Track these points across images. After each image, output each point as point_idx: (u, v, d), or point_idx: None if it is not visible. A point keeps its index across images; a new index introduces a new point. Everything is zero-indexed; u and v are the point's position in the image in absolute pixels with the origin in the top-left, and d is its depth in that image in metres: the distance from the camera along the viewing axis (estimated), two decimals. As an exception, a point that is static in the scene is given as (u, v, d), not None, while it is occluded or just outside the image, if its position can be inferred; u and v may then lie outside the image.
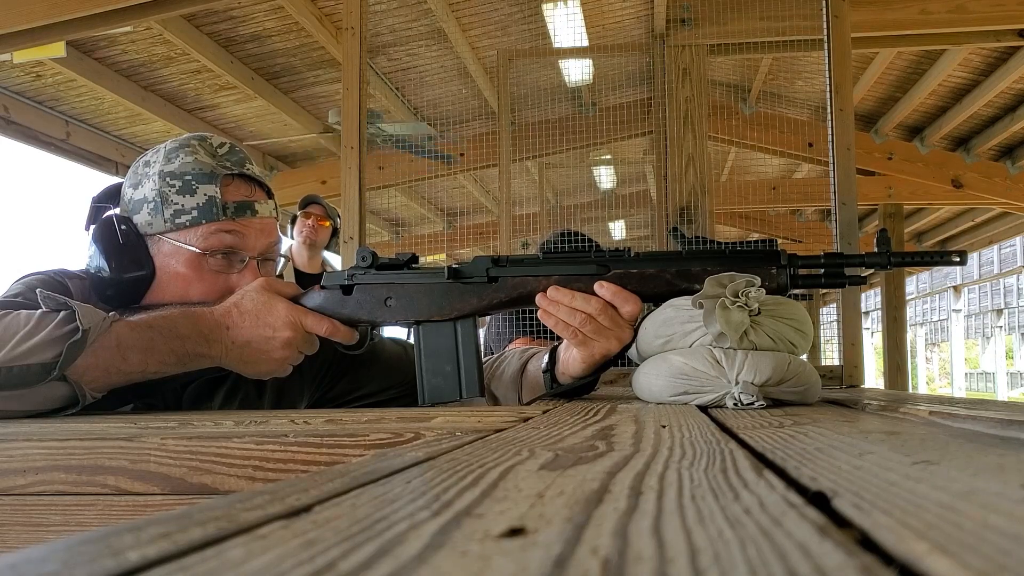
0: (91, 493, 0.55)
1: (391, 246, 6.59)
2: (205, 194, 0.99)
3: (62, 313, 0.81)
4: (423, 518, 0.23)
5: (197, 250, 0.99)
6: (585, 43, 4.15)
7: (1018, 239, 13.28)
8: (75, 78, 3.75)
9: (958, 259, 0.98)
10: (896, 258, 0.98)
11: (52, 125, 4.13)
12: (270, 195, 1.07)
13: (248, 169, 1.05)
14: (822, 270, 0.99)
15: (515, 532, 0.21)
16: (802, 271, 0.97)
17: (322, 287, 1.01)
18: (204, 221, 0.99)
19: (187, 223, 0.99)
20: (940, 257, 0.98)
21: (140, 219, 1.01)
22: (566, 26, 3.93)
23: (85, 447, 0.55)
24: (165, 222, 0.99)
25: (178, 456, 0.55)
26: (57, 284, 0.98)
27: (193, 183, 1.00)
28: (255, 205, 1.03)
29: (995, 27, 3.16)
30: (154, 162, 1.02)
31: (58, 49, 2.71)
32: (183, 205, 0.99)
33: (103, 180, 4.57)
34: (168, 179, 1.00)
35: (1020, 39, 3.20)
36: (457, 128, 4.77)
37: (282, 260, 1.12)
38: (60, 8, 2.45)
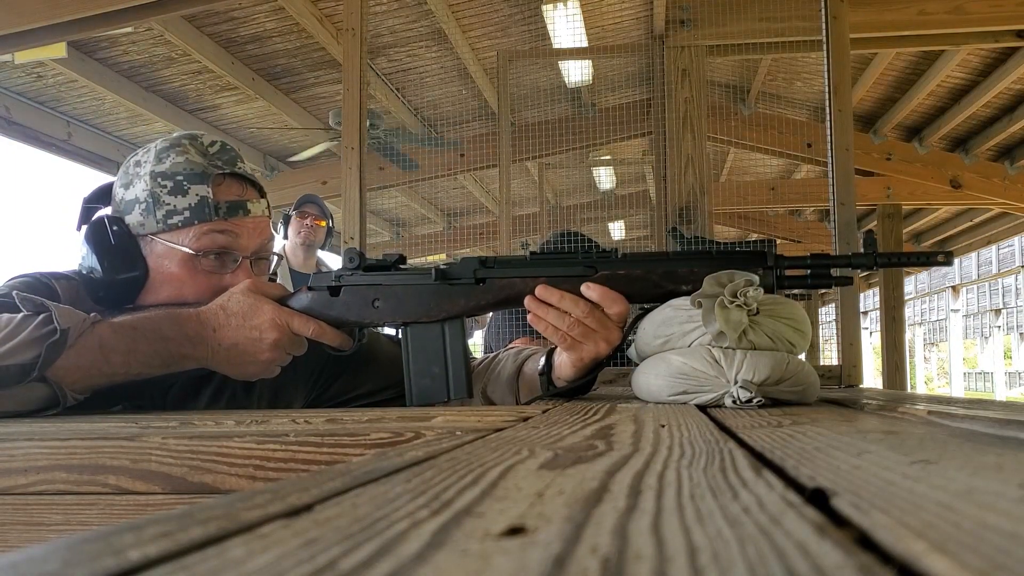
0: (92, 492, 0.55)
1: (391, 246, 6.59)
2: (197, 194, 0.99)
3: (41, 315, 0.81)
4: (423, 517, 0.23)
5: (190, 251, 0.98)
6: (585, 44, 4.15)
7: (1016, 239, 13.29)
8: (76, 79, 3.75)
9: (943, 259, 0.98)
10: (882, 259, 0.97)
11: (53, 126, 4.14)
12: (262, 193, 1.07)
13: (239, 168, 1.04)
14: (808, 271, 0.99)
15: (515, 531, 0.21)
16: (789, 272, 0.97)
17: (310, 288, 1.00)
18: (196, 222, 0.98)
19: (179, 224, 0.98)
20: (926, 258, 0.98)
21: (132, 219, 1.00)
22: (566, 27, 3.93)
23: (87, 446, 0.56)
24: (157, 223, 0.98)
25: (179, 455, 0.55)
26: (42, 286, 0.97)
27: (185, 183, 0.99)
28: (247, 204, 1.02)
29: (993, 28, 3.16)
30: (145, 162, 1.01)
31: (59, 50, 2.71)
32: (175, 206, 0.98)
33: (104, 181, 4.57)
34: (159, 180, 0.99)
35: (1018, 40, 3.20)
36: (457, 128, 4.78)
37: (275, 258, 1.12)
38: (61, 9, 2.45)
